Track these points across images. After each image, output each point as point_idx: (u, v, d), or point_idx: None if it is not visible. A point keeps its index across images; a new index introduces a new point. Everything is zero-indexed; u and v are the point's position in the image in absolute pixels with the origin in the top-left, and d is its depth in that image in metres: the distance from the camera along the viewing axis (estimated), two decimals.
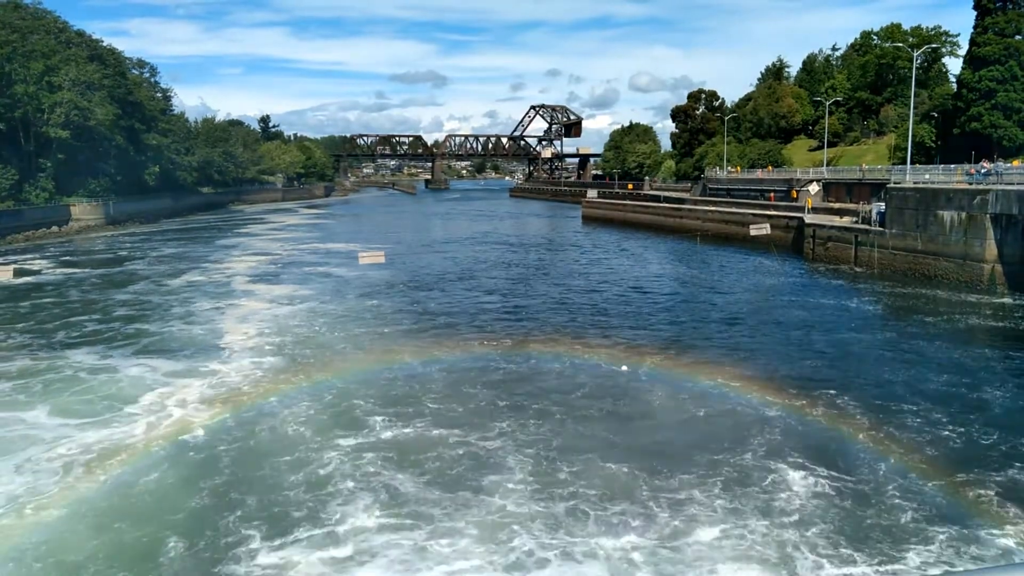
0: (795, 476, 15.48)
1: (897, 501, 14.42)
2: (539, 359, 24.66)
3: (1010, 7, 60.80)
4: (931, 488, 14.92)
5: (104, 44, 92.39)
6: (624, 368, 22.87)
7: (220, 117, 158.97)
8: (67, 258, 54.24)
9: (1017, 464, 15.80)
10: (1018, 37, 59.96)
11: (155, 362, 24.16)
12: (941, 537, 13.08)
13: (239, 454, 16.70)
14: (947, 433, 17.66)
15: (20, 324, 30.67)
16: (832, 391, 20.69)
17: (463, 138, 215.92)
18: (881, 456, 16.47)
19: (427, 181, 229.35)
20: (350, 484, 15.11)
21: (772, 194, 67.28)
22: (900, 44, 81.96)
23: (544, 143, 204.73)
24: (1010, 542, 13.04)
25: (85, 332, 28.98)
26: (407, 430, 18.03)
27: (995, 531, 13.28)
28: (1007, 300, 33.05)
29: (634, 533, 13.29)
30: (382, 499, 14.53)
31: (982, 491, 14.69)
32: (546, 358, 24.74)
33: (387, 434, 17.81)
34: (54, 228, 71.05)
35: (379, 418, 18.75)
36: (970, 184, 39.24)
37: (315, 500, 14.47)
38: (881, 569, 12.21)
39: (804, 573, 12.23)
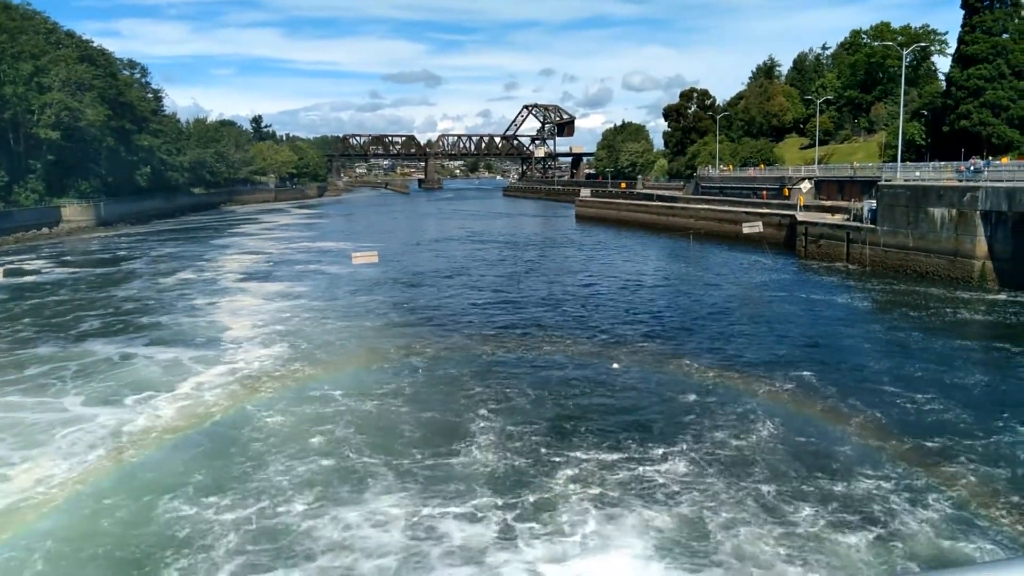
0: (750, 438, 16.99)
1: (849, 458, 15.90)
2: (525, 352, 24.94)
3: (997, 5, 61.14)
4: (896, 462, 15.70)
5: (94, 45, 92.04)
6: (615, 365, 22.96)
7: (212, 117, 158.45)
8: (63, 258, 54.33)
9: (969, 431, 17.06)
10: (1006, 35, 60.30)
11: (168, 353, 25.35)
12: (871, 479, 14.91)
13: (247, 433, 17.79)
14: (911, 406, 18.78)
15: (28, 319, 31.61)
16: (808, 375, 21.55)
17: (456, 138, 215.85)
18: (842, 426, 17.74)
19: (420, 181, 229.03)
20: (344, 451, 16.68)
21: (764, 192, 67.51)
22: (889, 43, 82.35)
23: (537, 142, 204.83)
24: (925, 482, 14.71)
25: (96, 327, 30.00)
26: (392, 411, 19.22)
27: (927, 481, 14.76)
28: (996, 296, 33.28)
29: (585, 476, 15.35)
30: (373, 459, 16.16)
31: (942, 459, 15.83)
32: (533, 351, 24.98)
33: (378, 415, 18.93)
34: (44, 230, 70.69)
35: (371, 401, 19.79)
36: (960, 181, 39.47)
37: (316, 467, 15.81)
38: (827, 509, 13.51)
39: (745, 505, 13.90)
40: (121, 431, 17.87)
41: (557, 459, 15.90)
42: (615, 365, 22.95)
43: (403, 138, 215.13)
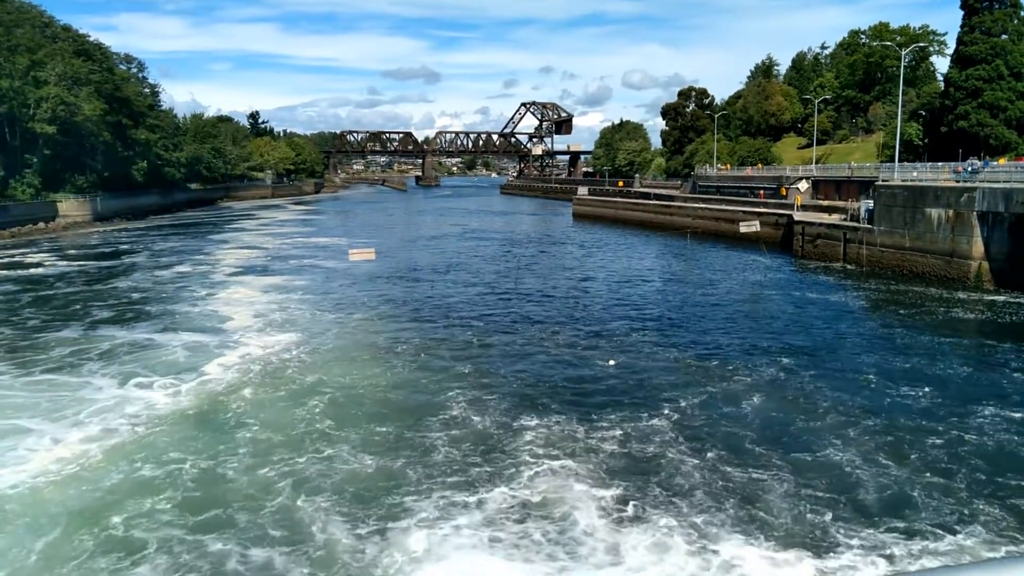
0: (722, 411, 17.95)
1: (814, 431, 16.84)
2: (516, 345, 25.22)
3: (996, 6, 61.21)
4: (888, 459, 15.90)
5: (91, 39, 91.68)
6: (611, 362, 22.97)
7: (210, 113, 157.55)
8: (65, 252, 54.19)
9: (941, 415, 17.78)
10: (1004, 36, 60.39)
11: (175, 341, 26.27)
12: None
13: (245, 412, 18.83)
14: (888, 392, 19.50)
15: (35, 308, 32.47)
16: (791, 363, 22.22)
17: (454, 135, 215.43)
18: (816, 407, 18.49)
19: (417, 178, 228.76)
20: (344, 430, 17.59)
21: (762, 191, 67.54)
22: (888, 43, 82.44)
23: (535, 140, 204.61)
24: (888, 454, 15.47)
25: (106, 316, 30.88)
26: (376, 392, 20.36)
27: (889, 453, 15.58)
28: (992, 296, 33.34)
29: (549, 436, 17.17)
30: (367, 435, 17.39)
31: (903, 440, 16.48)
32: (523, 343, 25.23)
33: (361, 395, 19.81)
34: (40, 225, 70.38)
35: (358, 385, 20.67)
36: (957, 182, 39.50)
37: (310, 440, 17.02)
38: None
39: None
40: (127, 411, 18.81)
41: (525, 425, 17.36)
42: (611, 362, 22.94)
43: (401, 135, 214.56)
